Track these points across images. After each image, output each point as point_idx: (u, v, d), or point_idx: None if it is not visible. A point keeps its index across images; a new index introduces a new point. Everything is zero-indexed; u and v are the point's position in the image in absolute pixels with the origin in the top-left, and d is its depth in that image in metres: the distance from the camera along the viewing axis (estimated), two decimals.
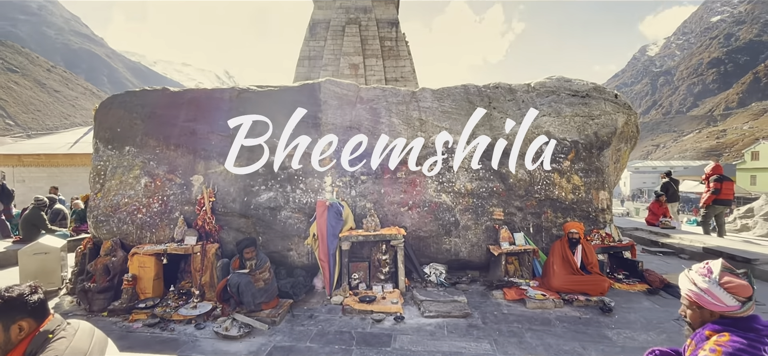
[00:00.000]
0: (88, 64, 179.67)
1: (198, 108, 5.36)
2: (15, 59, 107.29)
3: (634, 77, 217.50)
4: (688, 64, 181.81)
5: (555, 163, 5.79)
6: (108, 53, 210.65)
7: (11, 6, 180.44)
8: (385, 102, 5.89)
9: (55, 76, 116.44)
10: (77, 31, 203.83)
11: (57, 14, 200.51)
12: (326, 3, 19.12)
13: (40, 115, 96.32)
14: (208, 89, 5.55)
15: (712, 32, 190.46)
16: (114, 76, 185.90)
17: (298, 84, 5.89)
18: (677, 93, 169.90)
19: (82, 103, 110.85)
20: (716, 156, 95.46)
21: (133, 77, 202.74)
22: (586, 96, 6.23)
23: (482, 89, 6.17)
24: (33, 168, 15.47)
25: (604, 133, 6.03)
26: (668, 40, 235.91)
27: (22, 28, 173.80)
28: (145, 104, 5.40)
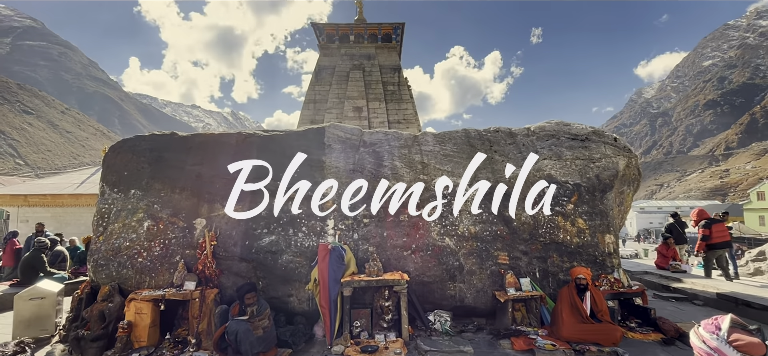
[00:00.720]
0: (101, 106, 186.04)
1: (204, 152, 5.47)
2: (31, 102, 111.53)
3: (633, 118, 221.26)
4: (684, 106, 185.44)
5: (558, 205, 5.76)
6: (121, 96, 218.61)
7: (33, 53, 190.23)
8: (388, 145, 6.00)
9: (69, 118, 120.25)
10: (94, 76, 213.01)
11: (76, 60, 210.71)
12: (332, 51, 20.05)
13: (50, 154, 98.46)
14: (215, 133, 5.70)
15: (705, 75, 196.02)
16: (125, 117, 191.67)
17: (302, 128, 6.04)
18: (676, 133, 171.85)
19: (92, 143, 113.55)
20: (722, 195, 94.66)
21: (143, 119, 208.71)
22: (585, 139, 6.32)
23: (483, 133, 6.29)
24: (38, 208, 15.58)
25: (605, 175, 6.05)
26: (663, 82, 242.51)
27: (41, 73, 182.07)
28: (153, 148, 5.53)
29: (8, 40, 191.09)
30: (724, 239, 8.27)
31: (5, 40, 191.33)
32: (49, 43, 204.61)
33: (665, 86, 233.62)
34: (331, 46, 20.18)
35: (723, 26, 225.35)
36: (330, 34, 20.19)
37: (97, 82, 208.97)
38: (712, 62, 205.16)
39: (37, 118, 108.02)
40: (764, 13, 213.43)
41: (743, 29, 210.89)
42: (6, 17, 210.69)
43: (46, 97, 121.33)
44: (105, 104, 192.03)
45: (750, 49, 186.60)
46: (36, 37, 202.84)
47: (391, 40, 20.43)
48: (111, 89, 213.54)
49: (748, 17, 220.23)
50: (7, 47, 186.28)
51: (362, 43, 20.23)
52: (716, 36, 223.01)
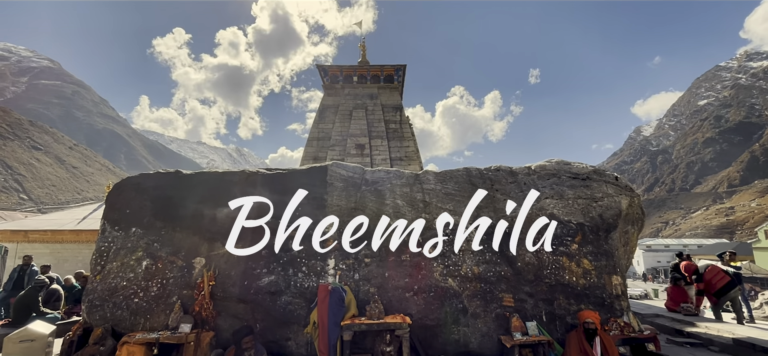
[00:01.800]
0: (108, 143, 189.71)
1: (207, 190, 5.51)
2: (41, 138, 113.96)
3: (633, 156, 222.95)
4: (683, 144, 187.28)
5: (562, 246, 5.68)
6: (129, 132, 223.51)
7: (48, 91, 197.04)
8: (390, 184, 6.03)
9: (76, 154, 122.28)
10: (104, 113, 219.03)
11: (88, 98, 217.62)
12: (336, 91, 20.67)
13: (54, 189, 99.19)
14: (218, 172, 5.77)
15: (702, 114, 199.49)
16: (131, 154, 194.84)
17: (305, 167, 6.11)
18: (678, 171, 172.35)
19: (97, 178, 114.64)
20: (729, 233, 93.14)
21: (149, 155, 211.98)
22: (586, 178, 6.34)
23: (484, 172, 6.33)
24: (37, 244, 15.46)
25: (609, 215, 6.01)
26: (661, 121, 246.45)
27: (53, 110, 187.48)
28: (157, 186, 5.57)
29: (25, 79, 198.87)
30: (723, 281, 7.96)
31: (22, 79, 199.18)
32: (63, 82, 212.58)
33: (663, 124, 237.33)
34: (335, 86, 20.84)
35: (715, 67, 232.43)
36: (334, 75, 20.91)
37: (106, 119, 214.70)
38: (707, 102, 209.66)
39: (45, 154, 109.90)
40: (754, 56, 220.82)
41: (735, 70, 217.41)
42: (25, 58, 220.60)
43: (55, 133, 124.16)
44: (113, 140, 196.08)
45: (743, 89, 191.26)
46: (51, 77, 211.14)
47: (393, 80, 21.11)
48: (119, 126, 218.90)
49: (738, 59, 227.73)
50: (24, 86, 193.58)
51: (365, 83, 20.89)
52: (709, 76, 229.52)
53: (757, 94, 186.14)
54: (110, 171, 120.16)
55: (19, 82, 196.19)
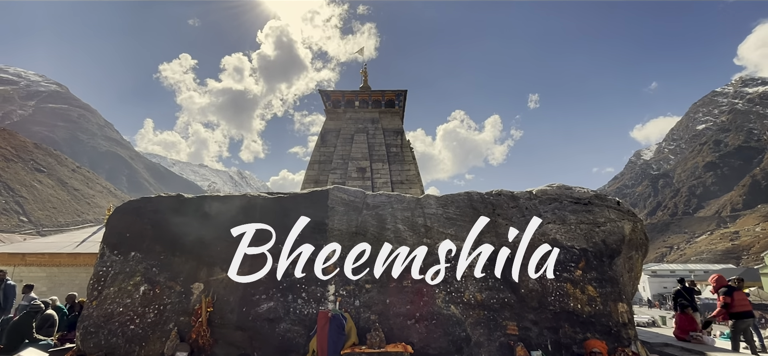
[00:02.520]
0: (111, 165, 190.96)
1: (208, 214, 5.50)
2: (45, 160, 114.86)
3: (634, 179, 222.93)
4: (684, 168, 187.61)
5: (566, 272, 5.60)
6: (131, 155, 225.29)
7: (54, 115, 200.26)
8: (391, 208, 6.02)
9: (78, 176, 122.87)
10: (108, 136, 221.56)
11: (93, 121, 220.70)
12: (338, 115, 20.96)
13: (55, 212, 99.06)
14: (220, 196, 5.78)
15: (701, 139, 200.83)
16: (133, 176, 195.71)
17: (306, 191, 6.12)
18: (679, 195, 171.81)
19: (97, 201, 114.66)
20: (735, 259, 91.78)
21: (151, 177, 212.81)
22: (588, 203, 6.32)
23: (485, 197, 6.32)
24: (34, 267, 15.30)
25: (612, 240, 5.95)
26: (660, 145, 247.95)
27: (59, 133, 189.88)
28: (157, 210, 5.57)
29: (33, 103, 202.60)
30: (746, 308, 7.80)
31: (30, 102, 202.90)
32: (69, 106, 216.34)
33: (663, 148, 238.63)
34: (337, 110, 21.15)
35: (711, 93, 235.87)
36: (336, 100, 21.27)
37: (110, 141, 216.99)
38: (705, 126, 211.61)
39: (48, 176, 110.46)
40: (749, 82, 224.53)
41: (731, 96, 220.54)
42: (34, 83, 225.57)
43: (59, 155, 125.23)
44: (115, 163, 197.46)
45: (740, 114, 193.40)
46: (59, 101, 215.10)
47: (394, 105, 21.44)
48: (122, 148, 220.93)
49: (734, 85, 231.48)
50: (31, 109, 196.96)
51: (367, 108, 21.22)
52: (706, 102, 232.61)
53: (754, 119, 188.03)
54: (111, 193, 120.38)
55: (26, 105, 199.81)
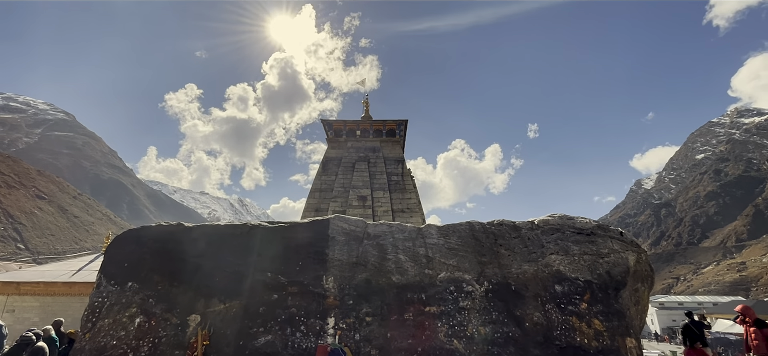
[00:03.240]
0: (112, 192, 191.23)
1: (208, 244, 5.46)
2: (46, 187, 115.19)
3: (636, 209, 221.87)
4: (685, 197, 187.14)
5: (571, 304, 5.47)
6: (133, 182, 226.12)
7: (60, 142, 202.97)
8: (392, 238, 5.97)
9: (79, 203, 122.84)
10: (111, 163, 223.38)
11: (97, 149, 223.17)
12: (339, 144, 21.21)
13: (52, 239, 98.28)
14: (220, 225, 5.75)
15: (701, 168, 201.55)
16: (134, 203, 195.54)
17: (307, 220, 6.09)
18: (683, 224, 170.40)
19: (96, 228, 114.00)
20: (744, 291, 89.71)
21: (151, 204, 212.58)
22: (591, 234, 6.26)
23: (487, 227, 6.27)
24: (27, 297, 15.00)
25: (616, 272, 5.85)
26: (661, 174, 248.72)
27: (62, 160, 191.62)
28: (157, 239, 5.53)
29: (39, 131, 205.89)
30: None
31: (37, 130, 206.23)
32: (75, 134, 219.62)
33: (663, 178, 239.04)
34: (338, 139, 21.42)
35: (708, 123, 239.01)
36: (338, 129, 21.58)
37: (113, 169, 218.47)
38: (704, 156, 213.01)
39: (49, 203, 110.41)
40: (744, 112, 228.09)
41: (728, 126, 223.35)
42: (42, 111, 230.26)
43: (61, 182, 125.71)
44: (117, 190, 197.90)
45: (738, 144, 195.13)
46: (65, 129, 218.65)
47: (395, 134, 21.72)
48: (124, 176, 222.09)
49: (730, 115, 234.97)
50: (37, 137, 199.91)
51: (368, 137, 21.49)
52: (703, 132, 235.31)
53: (752, 149, 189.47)
54: (111, 221, 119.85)
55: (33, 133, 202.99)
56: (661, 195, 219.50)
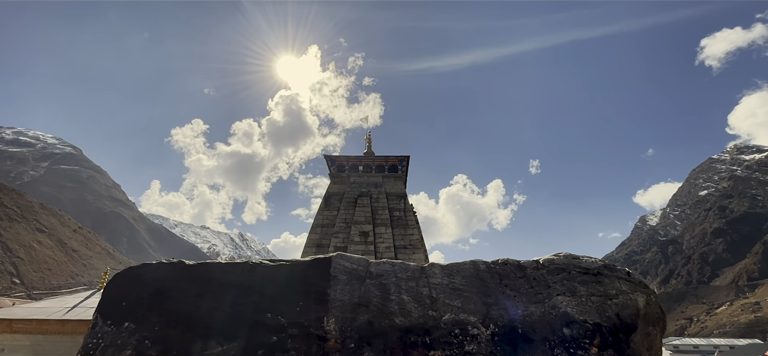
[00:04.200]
0: (113, 226, 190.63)
1: (208, 282, 5.39)
2: (47, 220, 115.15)
3: (642, 246, 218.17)
4: (692, 234, 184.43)
5: (581, 349, 5.27)
6: (134, 216, 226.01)
7: (65, 176, 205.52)
8: (395, 277, 5.88)
9: (79, 237, 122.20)
10: (114, 197, 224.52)
11: (101, 183, 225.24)
12: (342, 179, 21.39)
13: (49, 273, 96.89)
14: (222, 263, 5.71)
15: (705, 205, 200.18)
16: (134, 237, 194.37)
17: (309, 258, 6.04)
18: (692, 262, 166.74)
19: (94, 263, 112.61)
20: (761, 333, 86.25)
21: (151, 239, 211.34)
22: (597, 274, 6.15)
23: (492, 266, 6.19)
24: (19, 335, 14.59)
25: (626, 314, 5.69)
26: (665, 211, 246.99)
27: (66, 194, 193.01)
28: (157, 277, 5.47)
29: (46, 164, 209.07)
30: None
31: (43, 164, 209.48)
32: (80, 167, 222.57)
33: (668, 214, 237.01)
34: (341, 175, 21.62)
35: (708, 160, 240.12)
36: (340, 164, 21.86)
37: (115, 202, 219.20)
38: (707, 192, 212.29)
39: (49, 236, 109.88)
40: (744, 149, 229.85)
41: (729, 163, 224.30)
42: (50, 145, 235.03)
43: (63, 215, 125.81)
44: (117, 224, 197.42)
45: (741, 180, 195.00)
46: (71, 162, 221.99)
47: (397, 170, 21.94)
48: (126, 209, 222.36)
49: (730, 152, 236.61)
50: (43, 170, 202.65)
51: (370, 172, 21.70)
52: (705, 168, 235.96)
53: (755, 185, 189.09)
54: (109, 255, 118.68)
55: (39, 166, 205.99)
56: (666, 232, 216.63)
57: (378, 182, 21.33)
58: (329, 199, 20.63)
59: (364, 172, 21.73)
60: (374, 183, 21.23)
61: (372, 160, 21.99)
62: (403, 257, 17.50)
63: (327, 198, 20.65)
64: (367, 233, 19.08)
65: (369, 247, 18.17)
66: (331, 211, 20.19)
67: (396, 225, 19.77)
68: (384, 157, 22.12)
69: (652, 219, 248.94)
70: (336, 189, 21.13)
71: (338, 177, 21.58)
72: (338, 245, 17.93)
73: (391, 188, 21.33)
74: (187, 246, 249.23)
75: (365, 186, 21.06)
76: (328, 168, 22.03)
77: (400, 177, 22.03)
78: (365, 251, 17.43)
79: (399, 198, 20.90)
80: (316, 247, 18.44)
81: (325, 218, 19.95)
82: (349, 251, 16.59)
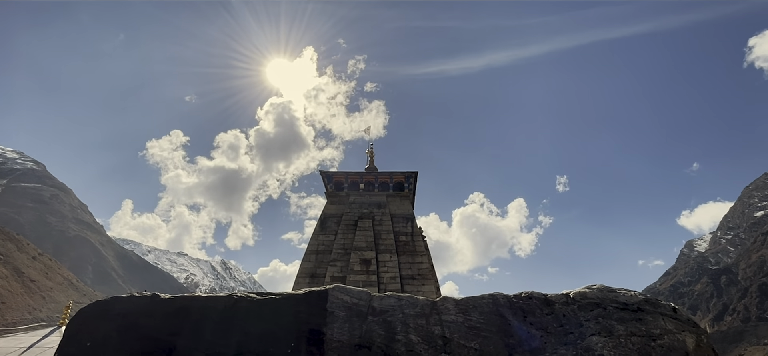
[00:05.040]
0: (77, 252, 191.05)
1: (185, 318, 5.37)
2: (3, 246, 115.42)
3: (690, 276, 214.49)
4: (748, 262, 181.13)
5: None
6: (102, 241, 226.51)
7: (25, 194, 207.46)
8: (402, 314, 5.82)
9: (39, 265, 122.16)
10: (79, 219, 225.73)
11: (66, 202, 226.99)
12: (340, 199, 21.41)
13: (2, 307, 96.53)
14: (201, 297, 5.70)
15: (762, 227, 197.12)
16: (100, 265, 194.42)
17: (302, 291, 6.01)
18: (749, 295, 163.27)
19: (54, 295, 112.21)
20: None
21: (120, 267, 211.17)
22: (638, 310, 6.06)
23: (514, 301, 6.12)
24: None
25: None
26: (715, 235, 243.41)
27: (26, 215, 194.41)
28: (128, 312, 5.46)
29: (4, 182, 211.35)
30: None
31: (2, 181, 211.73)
32: (43, 185, 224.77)
33: (718, 239, 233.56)
34: (339, 194, 21.66)
35: (763, 175, 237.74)
36: (338, 181, 21.93)
37: (81, 225, 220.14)
38: (764, 213, 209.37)
39: (4, 264, 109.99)
40: None
41: None
42: (10, 160, 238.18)
43: (21, 240, 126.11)
44: (83, 249, 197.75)
45: None
46: (33, 179, 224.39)
47: (403, 188, 21.95)
48: (93, 233, 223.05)
49: None
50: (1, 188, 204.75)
51: (373, 191, 21.73)
52: (760, 185, 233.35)
53: None
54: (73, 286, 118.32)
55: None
56: (718, 260, 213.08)
57: (382, 202, 21.33)
58: (325, 222, 20.61)
59: (366, 190, 21.78)
60: (377, 204, 21.22)
61: (375, 176, 22.06)
62: (411, 289, 17.34)
63: (323, 221, 20.64)
64: (369, 261, 18.96)
65: (371, 278, 18.03)
66: (327, 236, 20.14)
67: (402, 251, 19.64)
68: (388, 173, 22.20)
69: (701, 244, 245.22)
70: (333, 210, 21.14)
71: (336, 196, 21.63)
72: (336, 275, 17.82)
73: (397, 209, 21.30)
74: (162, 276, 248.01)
75: (367, 206, 21.05)
76: (325, 185, 22.11)
77: (407, 196, 22.03)
78: (367, 282, 17.30)
79: (406, 221, 20.83)
80: (310, 278, 18.33)
81: (321, 243, 19.89)
82: (348, 282, 16.50)
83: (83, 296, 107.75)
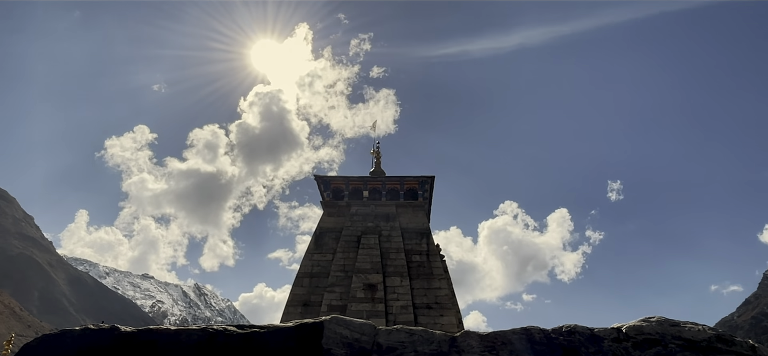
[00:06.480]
0: (21, 274, 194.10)
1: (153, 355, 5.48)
2: None
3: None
4: None
5: None
6: (51, 260, 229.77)
7: None
8: (414, 351, 5.88)
9: None
10: (24, 234, 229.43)
11: (8, 214, 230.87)
12: (339, 209, 21.53)
13: None
14: (170, 330, 5.82)
15: None
16: (48, 290, 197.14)
17: (292, 324, 6.09)
18: None
19: None
20: None
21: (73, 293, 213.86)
22: (708, 349, 6.04)
23: (552, 336, 6.14)
24: None
25: None
26: None
27: None
28: (82, 348, 5.59)
29: None
30: None
31: None
32: None
33: None
34: (338, 203, 21.79)
35: None
36: (338, 188, 22.05)
37: (26, 241, 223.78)
38: None
39: None
40: None
41: None
42: None
43: None
44: (28, 271, 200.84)
45: None
46: None
47: (416, 196, 21.99)
48: (40, 251, 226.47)
49: None
50: None
51: (379, 200, 21.80)
52: None
53: None
54: (15, 315, 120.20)
55: None
56: None
57: (390, 213, 21.35)
58: (321, 238, 20.69)
59: (371, 198, 21.84)
60: (385, 215, 21.26)
61: (382, 182, 22.14)
62: (426, 321, 17.33)
63: (318, 237, 20.73)
64: (375, 286, 18.97)
65: (377, 307, 18.02)
66: (323, 255, 20.22)
67: (416, 274, 19.62)
68: (399, 178, 22.24)
69: None
70: (331, 223, 21.22)
71: (334, 206, 21.73)
72: (334, 304, 17.88)
73: (409, 222, 21.31)
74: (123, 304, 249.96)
75: (372, 219, 21.09)
76: (321, 193, 22.22)
77: (422, 206, 22.03)
78: (372, 312, 17.32)
79: (420, 237, 20.83)
80: (303, 307, 18.40)
81: (316, 264, 19.97)
82: (348, 312, 16.54)
83: (27, 327, 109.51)
